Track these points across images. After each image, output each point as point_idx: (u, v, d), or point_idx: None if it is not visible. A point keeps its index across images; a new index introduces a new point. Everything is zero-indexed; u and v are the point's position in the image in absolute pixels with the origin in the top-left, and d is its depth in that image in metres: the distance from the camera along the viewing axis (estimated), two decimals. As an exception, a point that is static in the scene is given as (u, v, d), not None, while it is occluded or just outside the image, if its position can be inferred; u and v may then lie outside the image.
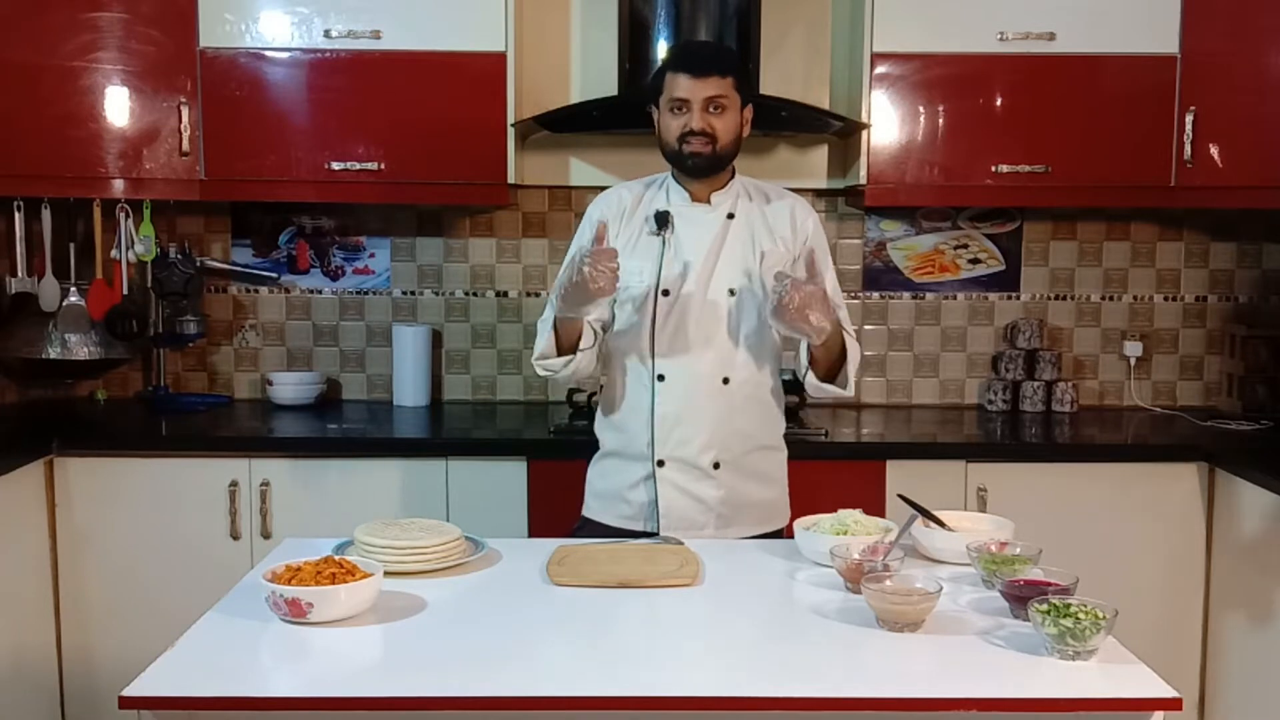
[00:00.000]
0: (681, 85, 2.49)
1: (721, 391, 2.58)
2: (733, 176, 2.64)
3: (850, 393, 2.64)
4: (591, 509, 2.72)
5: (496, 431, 3.59)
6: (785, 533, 2.68)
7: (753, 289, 2.57)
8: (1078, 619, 1.82)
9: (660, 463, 2.58)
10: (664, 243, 2.56)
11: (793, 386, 3.70)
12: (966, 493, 3.34)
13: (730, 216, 2.60)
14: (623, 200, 2.65)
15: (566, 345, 2.55)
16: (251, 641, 1.92)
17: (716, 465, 2.58)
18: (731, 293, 2.57)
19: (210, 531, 3.32)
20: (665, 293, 2.56)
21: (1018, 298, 3.96)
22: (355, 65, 3.47)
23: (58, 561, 3.32)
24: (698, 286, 2.56)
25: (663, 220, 2.56)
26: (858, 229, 3.93)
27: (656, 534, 2.59)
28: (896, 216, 3.92)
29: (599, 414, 2.72)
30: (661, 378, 2.57)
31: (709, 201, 2.61)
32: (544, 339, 2.55)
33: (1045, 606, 1.86)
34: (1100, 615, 1.84)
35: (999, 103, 3.51)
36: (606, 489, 2.68)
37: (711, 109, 2.50)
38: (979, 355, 3.98)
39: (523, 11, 3.62)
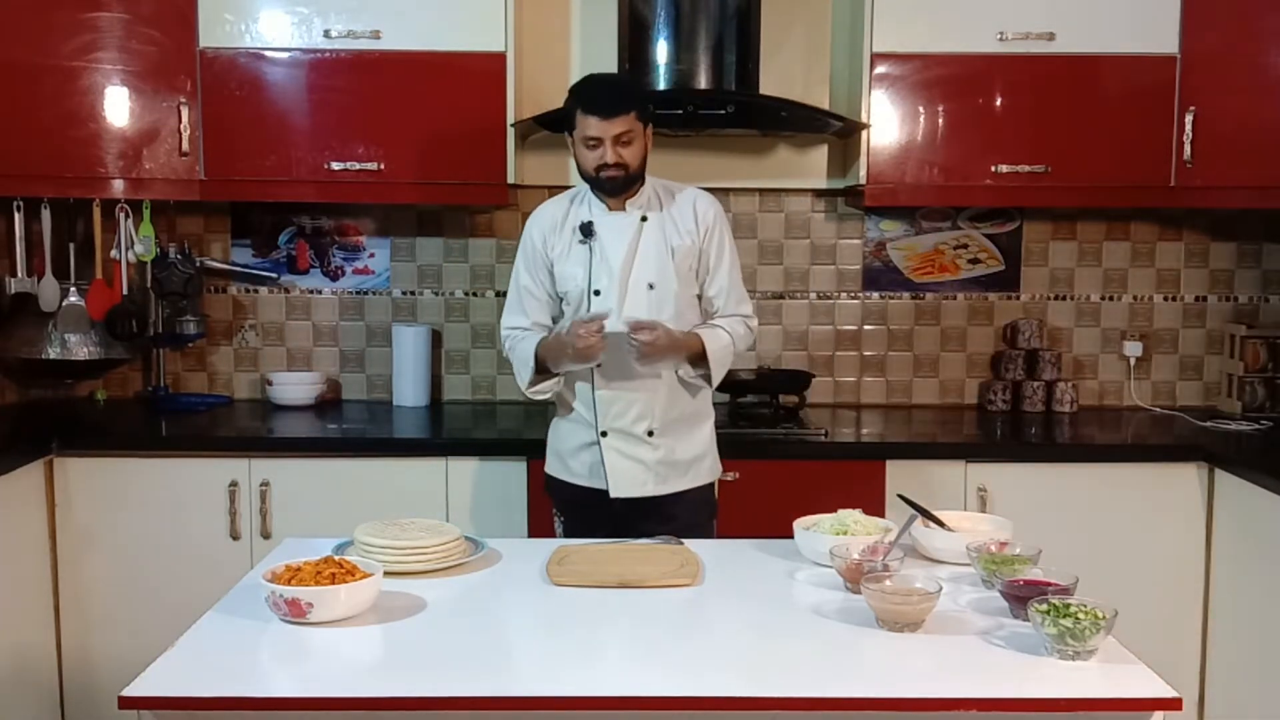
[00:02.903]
0: (593, 126, 2.79)
1: (649, 371, 2.87)
2: (643, 183, 2.92)
3: (714, 384, 2.95)
4: (552, 466, 3.05)
5: (496, 431, 3.59)
6: (718, 485, 3.07)
7: (669, 281, 2.88)
8: (1077, 619, 1.82)
9: (604, 433, 2.90)
10: (590, 249, 2.88)
11: (792, 387, 3.72)
12: (966, 493, 3.34)
13: (644, 219, 2.90)
14: (554, 215, 2.96)
15: (547, 369, 2.91)
16: (251, 641, 1.93)
17: (651, 433, 2.89)
18: (650, 286, 2.87)
19: (210, 531, 3.32)
20: (596, 292, 2.87)
21: (1018, 298, 3.96)
22: (355, 65, 3.48)
23: (58, 561, 3.32)
24: (621, 284, 2.86)
25: (587, 230, 2.89)
26: (857, 229, 3.93)
27: (605, 491, 2.89)
28: (896, 216, 3.92)
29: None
30: (599, 364, 2.85)
31: (624, 209, 2.91)
32: (529, 371, 2.90)
33: (1045, 606, 1.86)
34: (1100, 615, 1.84)
35: (999, 103, 3.51)
36: (561, 449, 3.01)
37: (621, 143, 2.80)
38: (979, 355, 3.98)
39: (523, 11, 3.62)
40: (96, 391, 3.93)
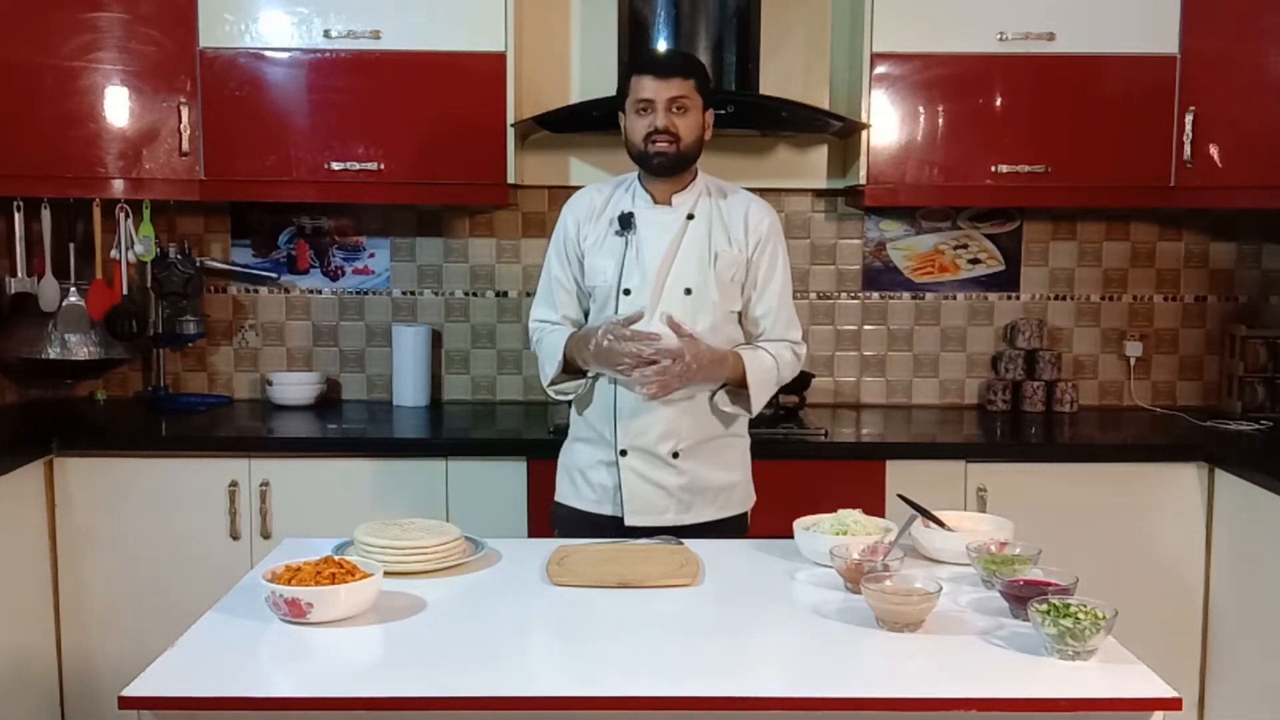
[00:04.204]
0: (646, 86, 2.60)
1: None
2: (695, 177, 2.74)
3: (753, 413, 2.73)
4: (562, 493, 2.83)
5: (496, 431, 3.59)
6: (750, 517, 2.81)
7: (708, 289, 2.67)
8: (1077, 619, 1.82)
9: (623, 452, 2.68)
10: (626, 243, 2.68)
11: (792, 387, 3.72)
12: (966, 493, 3.34)
13: (690, 218, 2.70)
14: (593, 202, 2.76)
15: (575, 368, 2.69)
16: (251, 641, 1.92)
17: (675, 454, 2.67)
18: (688, 291, 2.66)
19: (210, 531, 3.32)
20: (626, 291, 2.66)
21: (1018, 298, 3.96)
22: (355, 65, 3.47)
23: (58, 561, 3.32)
24: (656, 286, 2.66)
25: (626, 222, 2.68)
26: (857, 229, 3.93)
27: (620, 519, 2.68)
28: (896, 216, 3.92)
29: (572, 403, 2.83)
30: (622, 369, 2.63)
31: (670, 204, 2.71)
32: (554, 366, 2.68)
33: (1045, 606, 1.86)
34: (1100, 615, 1.85)
35: (999, 103, 3.51)
36: (573, 469, 2.79)
37: (675, 109, 2.60)
38: (979, 355, 3.98)
39: (523, 11, 3.62)
40: (96, 391, 3.93)
